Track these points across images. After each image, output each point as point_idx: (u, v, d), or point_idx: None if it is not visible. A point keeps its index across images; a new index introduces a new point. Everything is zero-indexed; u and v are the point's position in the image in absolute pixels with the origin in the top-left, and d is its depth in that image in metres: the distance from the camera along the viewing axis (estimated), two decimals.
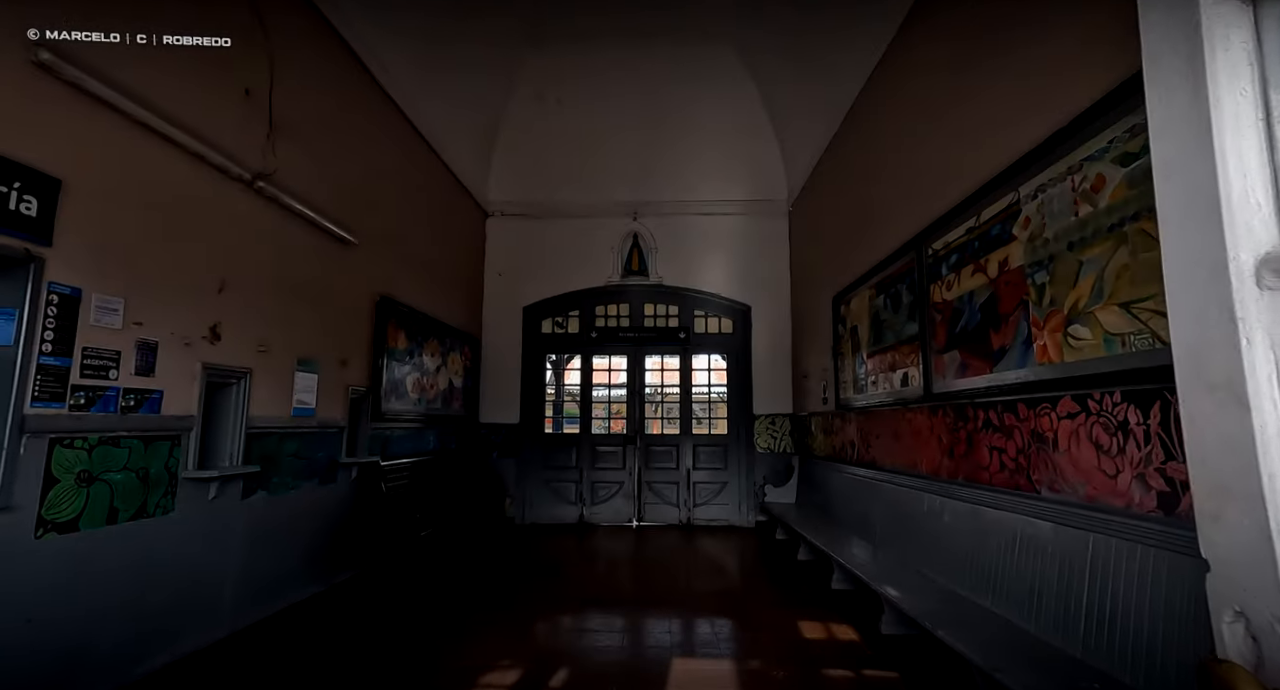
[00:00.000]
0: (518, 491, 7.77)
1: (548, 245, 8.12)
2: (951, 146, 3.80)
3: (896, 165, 4.66)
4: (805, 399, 7.23)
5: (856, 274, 5.42)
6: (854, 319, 5.48)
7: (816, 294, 6.76)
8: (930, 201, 4.02)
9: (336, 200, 4.60)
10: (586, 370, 8.03)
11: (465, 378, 7.35)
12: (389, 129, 5.56)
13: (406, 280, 5.82)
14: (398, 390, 5.54)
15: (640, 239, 8.13)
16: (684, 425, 7.90)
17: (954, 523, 3.47)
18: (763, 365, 7.86)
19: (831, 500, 5.73)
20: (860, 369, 5.29)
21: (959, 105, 3.71)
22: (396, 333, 5.52)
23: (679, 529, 7.49)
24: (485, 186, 8.00)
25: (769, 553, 6.16)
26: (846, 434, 5.74)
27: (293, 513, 4.06)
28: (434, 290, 6.50)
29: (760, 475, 7.67)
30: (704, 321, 8.07)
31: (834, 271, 6.15)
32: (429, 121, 6.27)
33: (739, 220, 8.08)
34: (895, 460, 4.59)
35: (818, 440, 6.71)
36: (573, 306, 8.12)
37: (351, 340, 4.85)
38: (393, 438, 5.55)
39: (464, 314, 7.41)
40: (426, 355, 6.19)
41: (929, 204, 4.04)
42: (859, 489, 5.08)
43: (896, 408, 4.55)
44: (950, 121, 3.81)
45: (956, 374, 3.62)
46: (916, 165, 4.29)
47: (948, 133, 3.84)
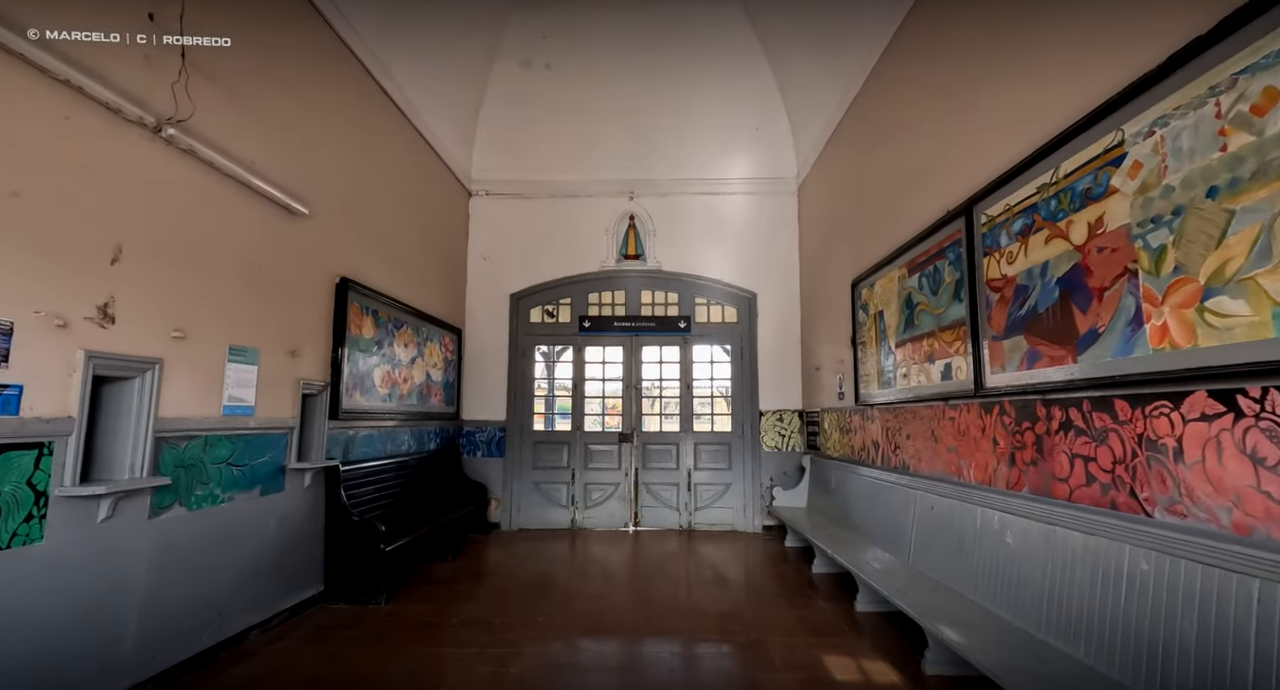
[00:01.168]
0: (505, 494, 7.09)
1: (537, 227, 7.41)
2: (1015, 89, 3.11)
3: (936, 123, 3.98)
4: (817, 394, 6.57)
5: (882, 254, 4.75)
6: (878, 304, 4.81)
7: (831, 278, 6.09)
8: (984, 159, 3.34)
9: (282, 163, 3.90)
10: (579, 363, 7.35)
11: (446, 371, 6.65)
12: (352, 90, 4.84)
13: (374, 261, 5.12)
14: (363, 385, 4.85)
15: (637, 221, 7.43)
16: (684, 422, 7.23)
17: (1021, 546, 2.81)
18: (770, 357, 7.19)
19: (850, 506, 5.08)
20: (887, 360, 4.63)
21: (1024, 38, 3.03)
22: (361, 320, 4.82)
23: (679, 534, 6.83)
24: (468, 163, 7.29)
25: (779, 563, 5.51)
26: (868, 433, 5.08)
27: (223, 530, 3.37)
28: (408, 274, 5.80)
29: (767, 476, 7.01)
30: (706, 310, 7.39)
31: (853, 253, 5.48)
32: (402, 87, 5.55)
33: (744, 200, 7.39)
34: (933, 465, 3.93)
35: (832, 439, 6.05)
36: (564, 294, 7.42)
37: (304, 327, 4.15)
38: (357, 439, 4.86)
39: (444, 301, 6.71)
40: (399, 346, 5.49)
41: (982, 162, 3.36)
42: (885, 496, 4.42)
43: (935, 404, 3.89)
44: (1013, 58, 3.12)
45: (1022, 364, 2.95)
46: (963, 118, 3.61)
47: (1010, 72, 3.15)
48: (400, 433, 5.62)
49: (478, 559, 5.65)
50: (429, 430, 6.28)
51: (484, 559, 5.66)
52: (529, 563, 5.56)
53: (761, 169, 7.32)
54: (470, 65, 6.57)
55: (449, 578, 4.99)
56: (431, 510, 5.68)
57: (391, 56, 5.29)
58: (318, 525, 4.28)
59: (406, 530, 4.75)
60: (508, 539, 6.59)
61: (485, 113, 7.11)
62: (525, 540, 6.54)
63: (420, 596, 4.47)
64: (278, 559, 3.83)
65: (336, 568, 4.32)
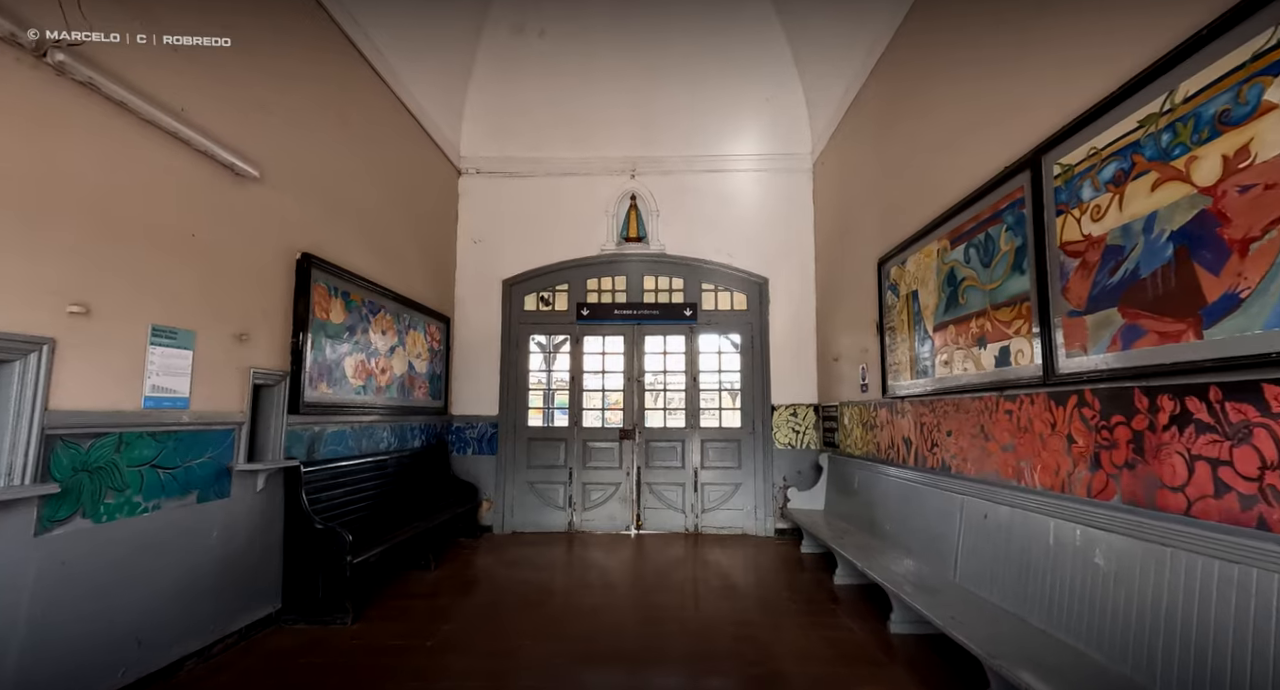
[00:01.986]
0: (497, 495, 6.53)
1: (531, 208, 6.82)
2: (1099, 7, 2.51)
3: (985, 67, 3.37)
4: (836, 386, 5.98)
5: (915, 226, 4.15)
6: (911, 283, 4.21)
7: (853, 259, 5.49)
8: (1055, 98, 2.74)
9: (225, 117, 3.31)
10: (577, 354, 6.77)
11: (432, 362, 6.08)
12: (321, 48, 4.26)
13: (345, 239, 4.54)
14: (331, 375, 4.28)
15: (639, 201, 6.84)
16: (690, 417, 6.65)
17: (1119, 569, 2.23)
18: (782, 347, 6.60)
19: (877, 511, 4.49)
20: (922, 346, 4.03)
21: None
22: (329, 302, 4.25)
23: (685, 538, 6.26)
24: (457, 138, 6.70)
25: (796, 571, 4.92)
26: (898, 428, 4.48)
27: (145, 545, 2.80)
28: (387, 255, 5.22)
29: (780, 476, 6.42)
30: (713, 296, 6.79)
31: (879, 228, 4.88)
32: (383, 52, 4.96)
33: (755, 179, 6.78)
34: (983, 466, 3.34)
35: (853, 436, 5.46)
36: (560, 279, 6.84)
37: (256, 308, 3.58)
38: (325, 435, 4.30)
39: (430, 287, 6.13)
40: (375, 333, 4.92)
41: (1053, 103, 2.75)
42: (921, 500, 3.84)
43: (986, 395, 3.30)
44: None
45: (1114, 343, 2.36)
46: (1023, 55, 3.00)
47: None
48: (378, 429, 5.05)
49: (464, 567, 5.08)
50: (413, 426, 5.72)
51: (471, 567, 5.10)
52: (520, 571, 4.99)
53: (773, 144, 6.71)
54: (458, 32, 5.97)
55: (429, 590, 4.43)
56: (415, 513, 5.12)
57: (370, 20, 4.69)
58: (274, 534, 3.72)
59: (381, 537, 4.19)
60: (499, 544, 6.02)
61: (475, 85, 6.51)
62: (518, 545, 5.97)
63: (393, 613, 3.90)
64: (221, 575, 3.27)
65: (296, 582, 3.75)
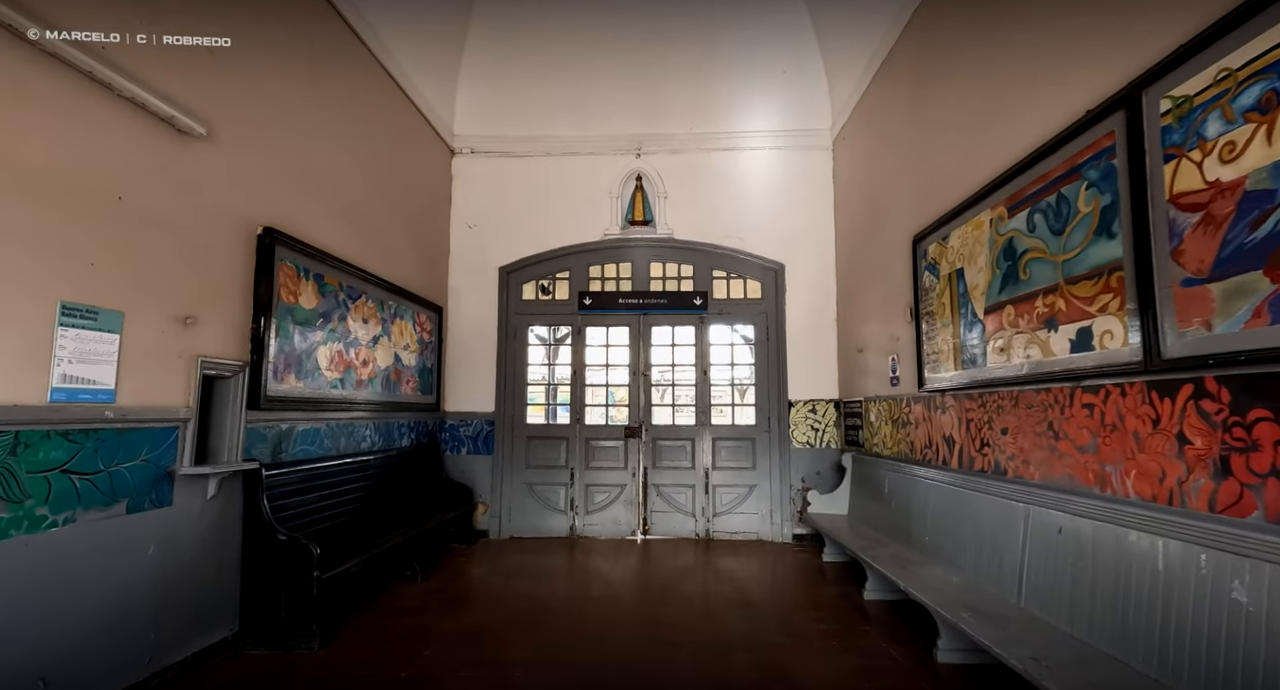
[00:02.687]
0: (493, 497, 6.03)
1: (530, 190, 6.31)
2: None
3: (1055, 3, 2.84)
4: (859, 380, 5.44)
5: (961, 196, 3.61)
6: (955, 262, 3.68)
7: (881, 240, 4.95)
8: (1166, 13, 2.20)
9: (163, 63, 2.82)
10: (579, 346, 6.26)
11: (422, 354, 5.59)
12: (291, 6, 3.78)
13: (318, 214, 4.05)
14: (301, 366, 3.79)
15: (645, 181, 6.32)
16: (701, 414, 6.13)
17: (1271, 610, 1.70)
18: (800, 338, 6.07)
19: (913, 518, 3.97)
20: (970, 332, 3.50)
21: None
22: (297, 285, 3.75)
23: (695, 544, 5.75)
24: (449, 115, 6.19)
25: (819, 583, 4.40)
26: (937, 426, 3.96)
27: (53, 567, 2.31)
28: (370, 237, 4.73)
29: (799, 477, 5.90)
30: (725, 284, 6.27)
31: (913, 203, 4.34)
32: (368, 18, 4.46)
33: (770, 157, 6.25)
34: (1051, 470, 2.81)
35: (881, 434, 4.93)
36: (561, 267, 6.33)
37: (205, 288, 3.09)
38: (294, 434, 3.80)
39: (420, 273, 5.63)
40: (355, 321, 4.42)
41: (1162, 19, 2.22)
42: (972, 508, 3.31)
43: (1057, 386, 2.77)
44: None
45: (1258, 315, 1.82)
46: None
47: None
48: (360, 426, 4.56)
49: (454, 579, 4.58)
50: (400, 423, 5.22)
51: (462, 578, 4.60)
52: (516, 582, 4.49)
53: (790, 120, 6.18)
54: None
55: (413, 606, 3.93)
56: (402, 519, 4.62)
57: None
58: (231, 547, 3.23)
59: (358, 548, 3.70)
60: (495, 550, 5.52)
61: (469, 57, 6.00)
62: (515, 551, 5.48)
63: (368, 635, 3.41)
64: (161, 596, 2.78)
65: (256, 601, 3.26)
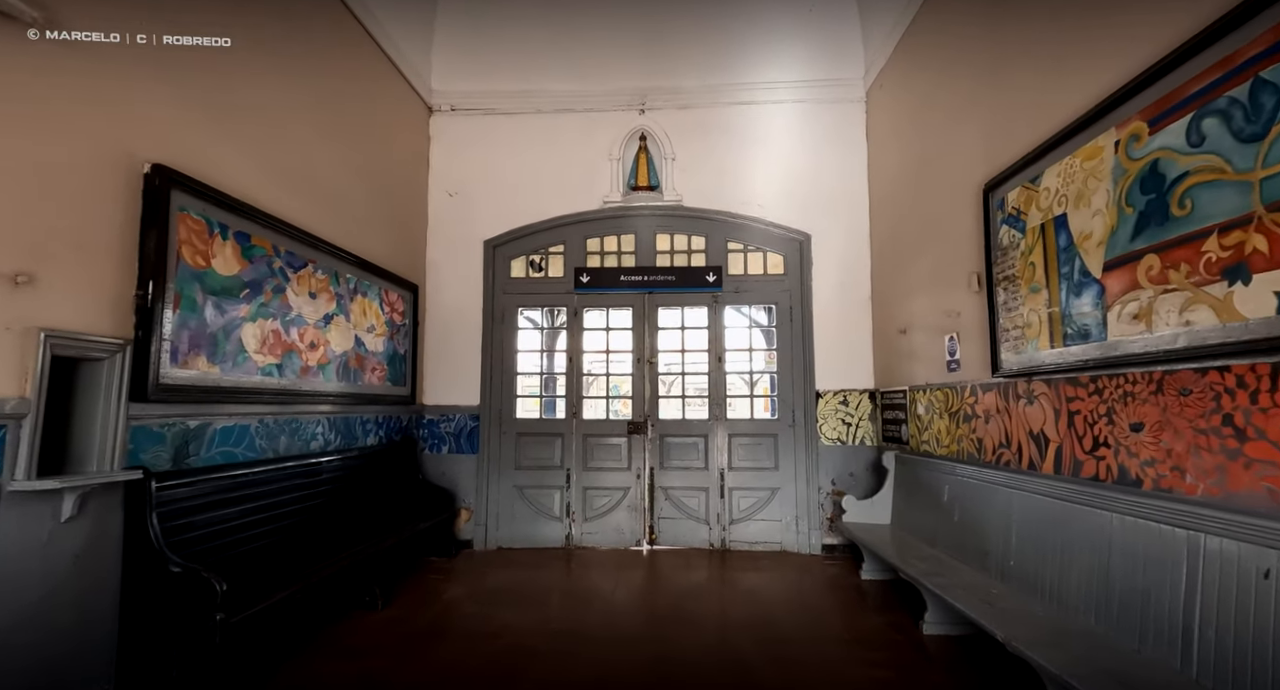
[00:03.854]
0: (478, 502, 5.21)
1: (519, 153, 5.46)
2: None
3: None
4: (903, 366, 4.58)
5: (1060, 121, 2.74)
6: (1053, 208, 2.80)
7: (935, 195, 4.08)
8: None
9: None
10: (575, 330, 5.42)
11: (392, 339, 4.76)
12: None
13: (250, 163, 3.21)
14: (217, 347, 2.96)
15: (650, 141, 5.46)
16: (714, 407, 5.28)
17: None
18: (829, 319, 5.20)
19: (989, 536, 3.11)
20: (1079, 296, 2.63)
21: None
22: (211, 244, 2.92)
23: (710, 556, 4.91)
24: (426, 67, 5.33)
25: (860, 608, 3.55)
26: (1019, 419, 3.09)
27: None
28: (324, 198, 3.89)
29: (828, 479, 5.04)
30: (742, 258, 5.41)
31: (984, 144, 3.46)
32: None
33: (793, 112, 5.36)
34: (1229, 483, 1.94)
35: (934, 429, 4.07)
36: (555, 239, 5.48)
37: (55, 238, 2.25)
38: (208, 432, 2.96)
39: (391, 246, 4.80)
40: (297, 295, 3.59)
41: None
42: (1081, 529, 2.45)
43: (1239, 362, 1.90)
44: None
45: None
46: None
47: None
48: (307, 422, 3.73)
49: (422, 605, 3.76)
50: (365, 419, 4.40)
51: (433, 604, 3.77)
52: (497, 611, 3.66)
53: (817, 69, 5.29)
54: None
55: (363, 645, 3.10)
56: (364, 532, 3.80)
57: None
58: (105, 585, 2.41)
59: (290, 576, 2.87)
60: (479, 565, 4.70)
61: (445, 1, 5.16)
62: (502, 566, 4.65)
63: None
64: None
65: (140, 655, 2.44)
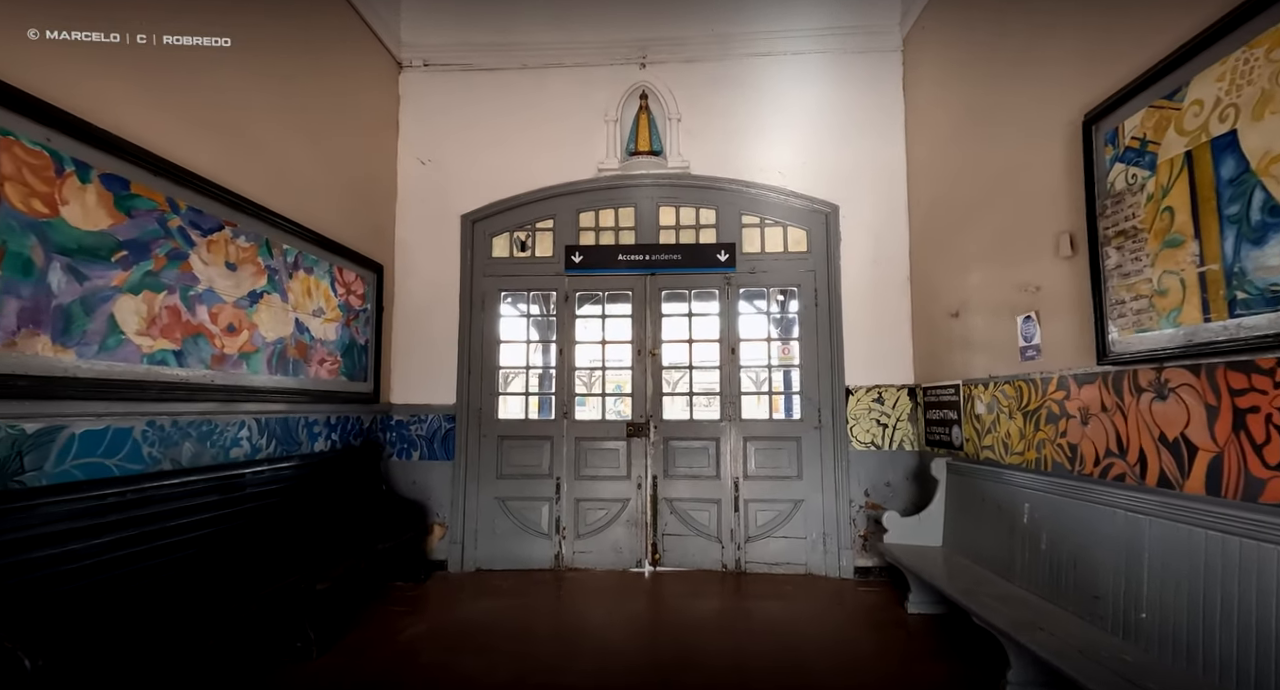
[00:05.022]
0: (454, 516, 4.44)
1: (502, 115, 4.69)
2: None
3: None
4: (956, 355, 3.77)
5: (1219, 10, 1.96)
6: (1212, 127, 2.00)
7: (1000, 147, 3.27)
8: None
9: None
10: (567, 317, 4.65)
11: (348, 325, 3.99)
12: None
13: (138, 92, 2.46)
14: (70, 325, 2.19)
15: (652, 100, 4.68)
16: (727, 406, 4.49)
17: None
18: (860, 304, 4.40)
19: (1110, 576, 2.31)
20: (1250, 249, 1.81)
21: None
22: (62, 186, 2.15)
23: (723, 580, 4.12)
24: (394, 15, 4.57)
25: (916, 654, 2.75)
26: (1140, 420, 2.28)
27: None
28: (250, 154, 3.12)
29: (862, 490, 4.25)
30: (759, 234, 4.62)
31: (1081, 68, 2.66)
32: None
33: (817, 65, 4.57)
34: None
35: (1002, 432, 3.26)
36: (543, 214, 4.70)
37: None
38: (58, 439, 2.17)
39: (348, 218, 4.03)
40: (209, 264, 2.82)
41: None
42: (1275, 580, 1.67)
43: None
44: None
45: None
46: None
47: None
48: (224, 425, 2.95)
49: (371, 650, 2.97)
50: (311, 420, 3.63)
51: (383, 649, 2.99)
52: (464, 659, 2.87)
53: (843, 15, 4.49)
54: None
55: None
56: (307, 557, 3.02)
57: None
58: None
59: (163, 631, 2.10)
60: (453, 591, 3.92)
61: None
62: (478, 594, 3.87)
63: None
64: None
65: None
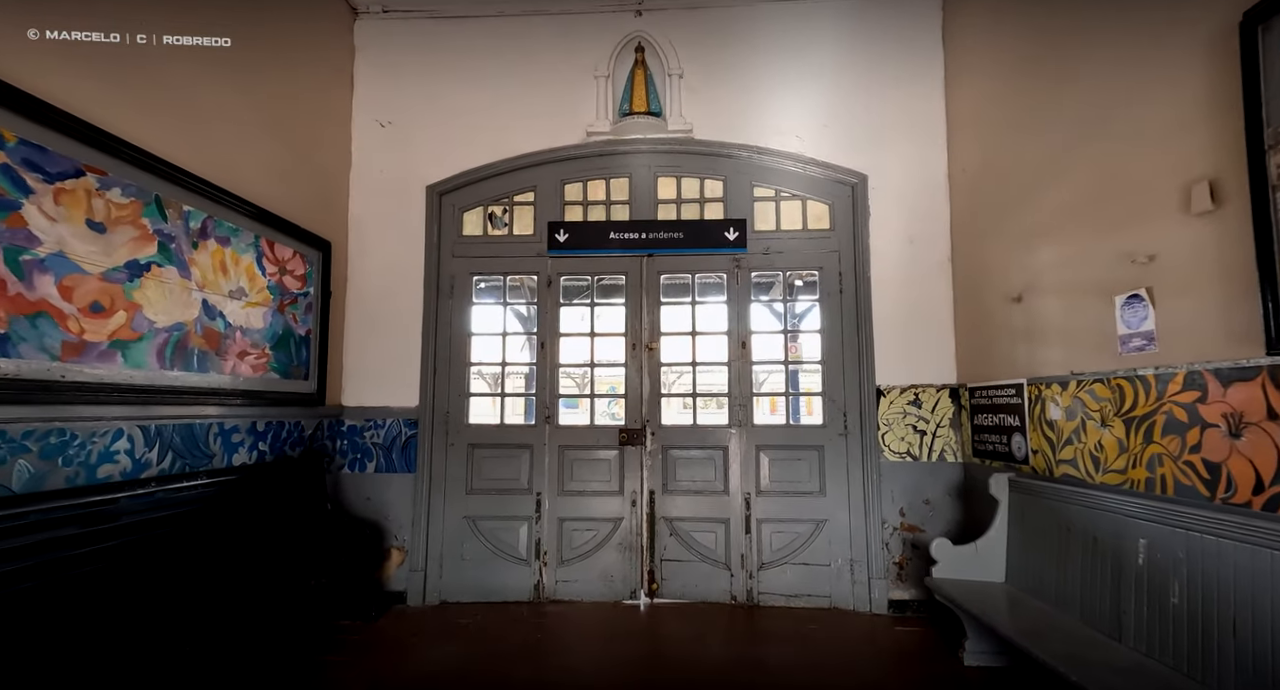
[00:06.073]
0: (416, 539, 3.74)
1: (475, 71, 4.00)
2: None
3: None
4: (1019, 349, 3.10)
5: None
6: None
7: (1092, 83, 2.60)
8: None
9: None
10: (550, 305, 3.96)
11: (281, 312, 3.28)
12: None
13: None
14: None
15: (649, 52, 4.00)
16: (737, 410, 3.81)
17: None
18: (893, 288, 3.73)
19: (1277, 637, 1.66)
20: None
21: None
22: None
23: (732, 614, 3.44)
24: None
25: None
26: None
27: None
28: (141, 89, 2.43)
29: (896, 509, 3.58)
30: (773, 209, 3.94)
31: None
32: None
33: (840, 14, 3.90)
34: None
35: (1090, 443, 2.58)
36: (522, 184, 4.01)
37: None
38: None
39: (284, 183, 3.32)
40: (56, 219, 2.10)
41: None
42: None
43: None
44: None
45: None
46: None
47: None
48: (89, 435, 2.25)
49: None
50: (226, 426, 2.91)
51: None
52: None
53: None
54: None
55: None
56: (208, 600, 2.32)
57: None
58: None
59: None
60: (411, 630, 3.22)
61: None
62: (442, 635, 3.17)
63: None
64: None
65: None
